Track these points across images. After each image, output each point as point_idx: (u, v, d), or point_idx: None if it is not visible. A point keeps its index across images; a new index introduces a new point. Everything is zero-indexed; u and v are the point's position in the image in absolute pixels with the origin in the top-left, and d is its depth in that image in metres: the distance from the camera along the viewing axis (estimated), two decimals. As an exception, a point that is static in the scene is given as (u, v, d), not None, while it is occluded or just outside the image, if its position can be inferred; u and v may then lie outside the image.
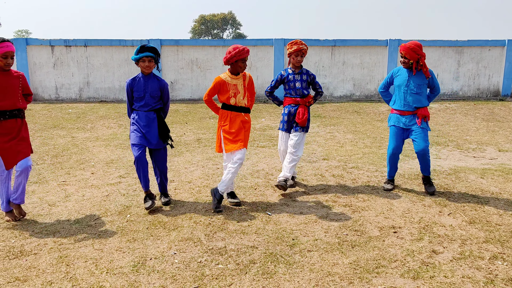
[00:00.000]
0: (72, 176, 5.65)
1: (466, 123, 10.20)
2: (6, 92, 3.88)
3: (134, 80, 4.36)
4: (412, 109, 4.77)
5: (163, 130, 4.39)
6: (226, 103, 4.44)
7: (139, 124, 4.32)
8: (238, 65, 4.34)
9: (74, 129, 9.38)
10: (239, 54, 4.27)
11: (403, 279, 3.01)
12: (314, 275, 3.06)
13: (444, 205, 4.48)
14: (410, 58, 4.62)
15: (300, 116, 4.87)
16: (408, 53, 4.60)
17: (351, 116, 11.44)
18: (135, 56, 4.23)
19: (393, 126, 4.90)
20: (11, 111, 3.92)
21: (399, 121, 4.84)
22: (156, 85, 4.36)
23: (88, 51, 14.37)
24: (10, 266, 3.19)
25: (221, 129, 4.47)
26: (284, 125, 5.02)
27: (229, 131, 4.39)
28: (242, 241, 3.61)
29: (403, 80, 4.79)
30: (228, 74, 4.44)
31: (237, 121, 4.42)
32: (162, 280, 3.00)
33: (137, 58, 4.23)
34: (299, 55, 4.87)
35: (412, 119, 4.78)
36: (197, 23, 63.94)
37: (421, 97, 4.74)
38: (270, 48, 14.58)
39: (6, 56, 3.81)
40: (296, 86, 4.95)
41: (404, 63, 4.71)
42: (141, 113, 4.34)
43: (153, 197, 4.38)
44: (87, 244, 3.56)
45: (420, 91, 4.73)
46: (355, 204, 4.50)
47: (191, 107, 12.83)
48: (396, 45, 14.60)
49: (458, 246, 3.53)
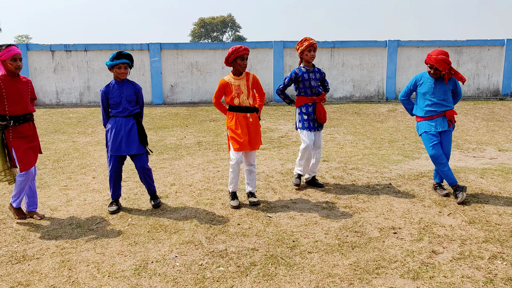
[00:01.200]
0: (73, 180, 5.68)
1: (466, 123, 10.22)
2: (20, 98, 4.02)
3: (108, 87, 4.36)
4: (438, 113, 4.72)
5: (142, 135, 4.42)
6: (231, 104, 4.53)
7: (118, 130, 4.30)
8: (237, 64, 4.42)
9: (75, 133, 9.42)
10: (236, 52, 4.38)
11: (403, 279, 3.03)
12: (315, 276, 3.08)
13: (444, 205, 4.50)
14: (443, 69, 4.55)
15: (322, 114, 4.96)
16: (441, 65, 4.52)
17: (351, 117, 11.46)
18: (111, 63, 4.21)
19: (425, 132, 4.77)
20: (24, 116, 4.07)
21: (430, 127, 4.73)
22: (131, 89, 4.39)
23: (88, 56, 14.42)
24: (12, 271, 3.22)
25: (228, 129, 4.57)
26: (310, 123, 5.00)
27: (235, 131, 4.49)
28: (243, 244, 3.63)
29: (429, 87, 4.72)
30: (231, 75, 4.55)
31: (243, 121, 4.52)
32: (163, 283, 3.02)
33: (112, 65, 4.22)
34: (312, 50, 4.92)
35: (442, 122, 4.71)
36: (197, 26, 64.06)
37: (446, 102, 4.70)
38: (269, 51, 14.63)
39: (15, 58, 3.91)
40: (312, 84, 4.99)
41: (435, 74, 4.62)
42: (120, 119, 4.33)
43: (119, 203, 4.59)
44: (89, 248, 3.59)
45: (446, 97, 4.71)
46: (355, 205, 4.52)
47: (191, 110, 12.86)
48: (395, 46, 14.64)
49: (458, 246, 3.55)
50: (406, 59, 14.85)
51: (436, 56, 4.54)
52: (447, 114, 4.70)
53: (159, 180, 5.60)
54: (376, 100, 14.82)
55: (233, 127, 4.51)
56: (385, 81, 14.94)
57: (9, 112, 3.96)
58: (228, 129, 4.58)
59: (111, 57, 4.22)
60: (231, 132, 4.52)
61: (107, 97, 4.35)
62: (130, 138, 4.33)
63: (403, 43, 14.72)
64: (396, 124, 10.29)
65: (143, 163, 4.43)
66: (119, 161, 4.41)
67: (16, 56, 3.91)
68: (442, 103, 4.69)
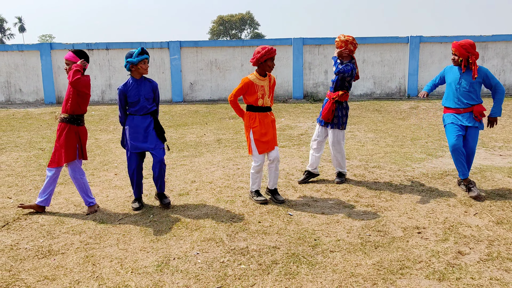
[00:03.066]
0: (96, 177, 5.77)
1: (492, 121, 9.94)
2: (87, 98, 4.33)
3: (126, 85, 4.35)
4: (466, 106, 4.64)
5: (160, 131, 4.46)
6: (253, 105, 4.45)
7: (136, 129, 4.34)
8: (267, 65, 4.39)
9: (97, 131, 9.58)
10: (269, 53, 4.32)
11: (428, 280, 2.96)
12: (337, 276, 3.05)
13: (469, 205, 4.38)
14: (460, 55, 4.56)
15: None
16: (458, 50, 4.55)
17: (371, 114, 11.30)
18: (137, 58, 4.22)
19: (452, 123, 4.70)
20: None
21: (457, 120, 4.68)
22: (149, 87, 4.40)
23: (110, 54, 14.63)
24: (39, 265, 3.29)
25: (250, 130, 4.47)
26: None
27: (260, 132, 4.43)
28: (264, 242, 3.61)
29: (455, 77, 4.70)
30: (256, 75, 4.46)
31: (266, 121, 4.49)
32: (185, 280, 3.04)
33: (138, 60, 4.23)
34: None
35: (469, 117, 4.64)
36: (215, 24, 64.31)
37: (473, 94, 4.62)
38: (289, 48, 14.55)
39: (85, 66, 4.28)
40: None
41: (453, 60, 4.66)
42: (137, 117, 4.36)
43: (142, 200, 4.63)
44: (112, 244, 3.64)
45: (472, 89, 4.61)
46: (378, 204, 4.45)
47: (211, 108, 12.91)
48: (418, 42, 14.35)
49: (485, 247, 3.44)
50: (428, 55, 14.54)
51: (458, 42, 4.58)
52: (475, 110, 4.59)
53: (179, 177, 5.64)
54: (397, 97, 14.57)
55: (258, 128, 4.43)
56: (406, 77, 14.67)
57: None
58: (251, 131, 4.46)
59: (137, 53, 4.22)
60: (256, 134, 4.44)
61: (126, 95, 4.35)
62: (148, 134, 4.36)
63: (426, 38, 14.41)
64: (418, 122, 10.09)
65: (162, 154, 4.40)
66: (139, 159, 4.45)
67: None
68: (469, 94, 4.61)
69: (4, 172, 6.06)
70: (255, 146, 4.46)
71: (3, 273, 3.18)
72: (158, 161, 4.39)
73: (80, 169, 4.38)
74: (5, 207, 4.56)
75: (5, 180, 5.67)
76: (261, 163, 4.52)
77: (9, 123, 10.74)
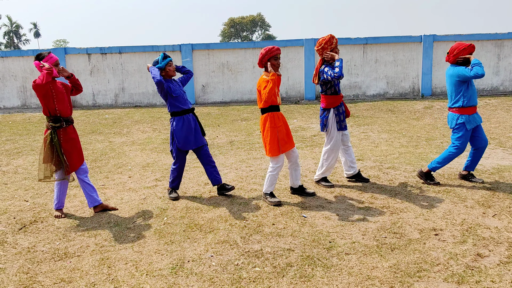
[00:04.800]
0: (110, 180, 5.81)
1: (509, 120, 9.75)
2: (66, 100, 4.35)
3: (166, 81, 4.71)
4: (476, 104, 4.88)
5: (202, 127, 4.92)
6: (273, 104, 4.48)
7: (187, 126, 4.72)
8: (271, 64, 4.40)
9: (111, 134, 9.67)
10: (269, 52, 4.38)
11: (447, 283, 2.90)
12: (353, 278, 3.00)
13: (488, 206, 4.29)
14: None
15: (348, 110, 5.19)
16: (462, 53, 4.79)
17: (385, 115, 11.18)
18: (164, 62, 4.61)
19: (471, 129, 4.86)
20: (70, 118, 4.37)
21: (475, 121, 4.85)
22: (180, 84, 4.88)
23: (123, 58, 14.78)
24: (55, 268, 3.32)
25: (276, 130, 4.45)
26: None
27: (284, 131, 4.49)
28: (278, 244, 3.59)
29: None
30: (268, 75, 4.42)
31: (284, 120, 4.57)
32: (200, 282, 3.03)
33: (165, 63, 4.64)
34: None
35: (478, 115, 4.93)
36: (227, 26, 64.50)
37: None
38: (300, 49, 14.50)
39: (57, 64, 4.25)
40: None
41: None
42: (187, 116, 4.76)
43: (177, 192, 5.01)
44: (127, 247, 3.65)
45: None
46: (393, 206, 4.38)
47: (223, 110, 12.94)
48: (431, 41, 14.17)
49: (505, 249, 3.36)
50: (442, 54, 14.33)
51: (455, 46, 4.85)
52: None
53: (193, 179, 5.65)
54: (411, 97, 14.40)
55: (283, 127, 4.48)
56: (420, 77, 14.49)
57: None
58: (276, 130, 4.43)
59: (161, 58, 4.62)
60: (281, 133, 4.45)
61: (170, 88, 4.65)
62: (196, 132, 4.78)
63: (439, 37, 14.22)
64: (433, 122, 9.95)
65: (207, 152, 4.84)
66: (185, 155, 4.86)
67: (58, 62, 4.27)
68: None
69: (20, 176, 6.15)
70: (280, 145, 4.45)
71: (21, 275, 3.22)
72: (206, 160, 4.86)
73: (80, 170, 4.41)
74: (22, 210, 4.63)
75: (22, 183, 5.76)
76: (282, 164, 4.56)
77: (25, 127, 10.91)
